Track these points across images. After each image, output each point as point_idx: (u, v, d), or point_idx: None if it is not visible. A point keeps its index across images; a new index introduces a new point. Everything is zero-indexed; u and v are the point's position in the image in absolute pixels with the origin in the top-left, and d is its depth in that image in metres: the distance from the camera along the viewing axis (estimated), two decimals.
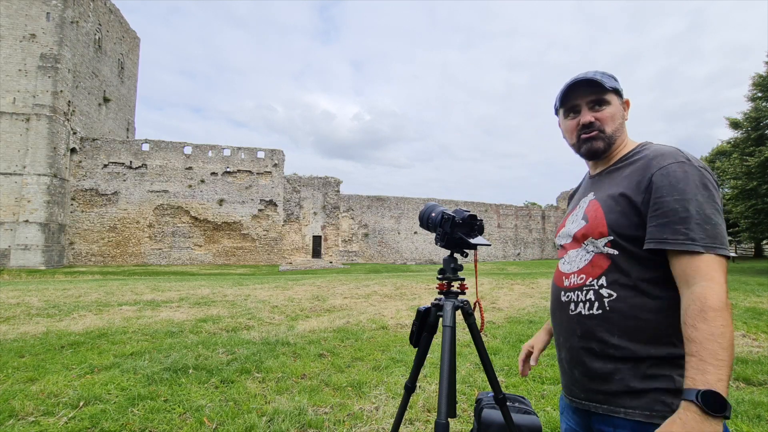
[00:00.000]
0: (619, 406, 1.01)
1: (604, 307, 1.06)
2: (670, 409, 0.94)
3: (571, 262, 1.18)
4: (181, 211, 32.13)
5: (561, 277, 1.20)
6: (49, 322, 5.88)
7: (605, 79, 1.15)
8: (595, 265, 1.10)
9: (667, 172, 1.00)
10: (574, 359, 1.12)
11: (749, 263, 26.34)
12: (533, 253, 45.53)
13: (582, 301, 1.10)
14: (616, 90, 1.17)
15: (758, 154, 18.95)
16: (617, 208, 1.07)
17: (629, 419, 0.99)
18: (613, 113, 1.16)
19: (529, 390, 3.26)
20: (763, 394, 3.16)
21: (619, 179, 1.12)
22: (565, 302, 1.15)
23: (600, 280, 1.08)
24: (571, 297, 1.14)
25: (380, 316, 6.46)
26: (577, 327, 1.11)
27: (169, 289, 10.27)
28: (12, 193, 27.41)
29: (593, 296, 1.08)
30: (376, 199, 39.39)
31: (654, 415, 0.97)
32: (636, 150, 1.15)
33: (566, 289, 1.16)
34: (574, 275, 1.15)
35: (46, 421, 2.65)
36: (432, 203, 1.57)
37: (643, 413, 0.98)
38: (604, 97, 1.16)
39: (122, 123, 38.56)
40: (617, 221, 1.06)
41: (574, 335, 1.11)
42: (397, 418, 1.52)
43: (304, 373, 3.67)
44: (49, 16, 28.52)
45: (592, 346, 1.06)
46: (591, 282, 1.09)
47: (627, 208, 1.05)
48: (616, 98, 1.18)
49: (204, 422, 2.67)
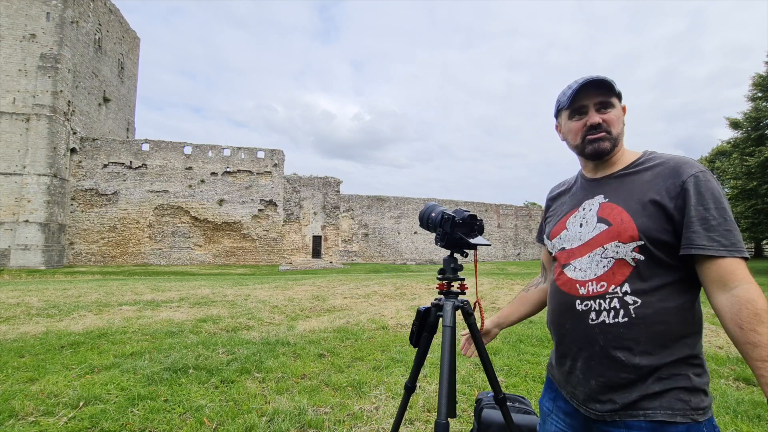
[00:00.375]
0: (638, 410, 1.02)
1: (629, 314, 1.05)
2: (689, 407, 0.99)
3: (584, 269, 1.14)
4: (181, 211, 32.14)
5: (573, 285, 1.15)
6: (49, 322, 5.88)
7: (610, 81, 1.17)
8: (616, 272, 1.08)
9: (698, 180, 1.04)
10: (593, 369, 1.09)
11: (749, 263, 26.20)
12: (533, 253, 45.54)
13: (606, 309, 1.07)
14: (619, 94, 1.19)
15: (758, 154, 18.97)
16: (645, 213, 1.06)
17: (649, 420, 1.01)
18: (618, 116, 1.18)
19: (529, 390, 3.26)
20: (763, 394, 3.16)
21: (640, 184, 1.11)
22: (583, 311, 1.11)
23: (623, 287, 1.06)
24: (591, 305, 1.10)
25: (380, 316, 6.46)
26: (599, 336, 1.08)
27: (169, 289, 10.27)
28: (12, 193, 27.42)
29: (618, 304, 1.06)
30: (376, 199, 39.40)
31: (676, 413, 0.99)
32: (647, 158, 1.17)
33: (583, 297, 1.12)
34: (591, 283, 1.11)
35: (46, 421, 2.65)
36: (432, 203, 1.57)
37: (665, 413, 0.99)
38: (611, 99, 1.17)
39: (122, 123, 38.56)
40: (647, 225, 1.05)
41: (595, 345, 1.09)
42: (397, 418, 1.52)
43: (304, 373, 3.67)
44: (49, 16, 28.53)
45: (618, 355, 1.05)
46: (614, 289, 1.07)
47: (656, 213, 1.05)
48: (618, 102, 1.20)
49: (204, 422, 2.67)
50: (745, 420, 2.71)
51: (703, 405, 1.00)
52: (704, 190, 1.03)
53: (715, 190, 1.03)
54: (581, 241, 1.17)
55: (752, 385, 3.43)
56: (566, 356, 1.17)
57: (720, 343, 4.73)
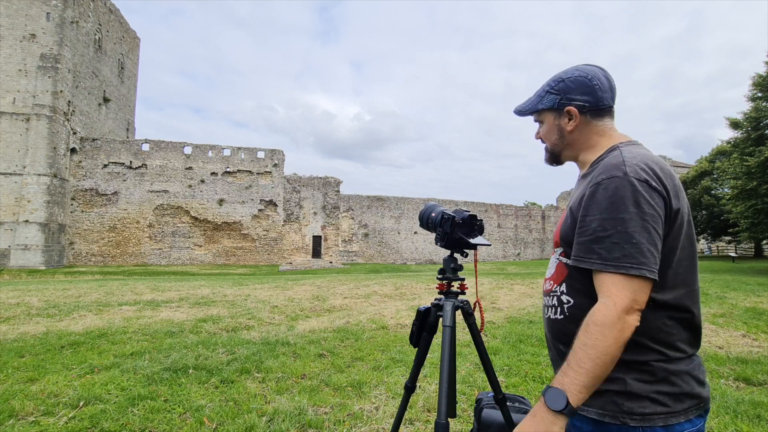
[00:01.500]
0: (584, 404, 1.04)
1: (564, 312, 1.11)
2: (620, 410, 0.99)
3: (549, 268, 1.24)
4: (181, 211, 32.13)
5: (544, 282, 1.26)
6: (49, 322, 5.88)
7: (526, 106, 1.26)
8: (558, 272, 1.15)
9: (597, 189, 1.00)
10: (553, 359, 1.21)
11: (749, 263, 26.32)
12: (533, 253, 45.53)
13: (550, 305, 1.16)
14: (545, 109, 1.22)
15: (758, 154, 18.96)
16: (567, 219, 1.12)
17: (587, 416, 1.05)
18: (546, 131, 1.24)
19: (529, 390, 3.26)
20: (763, 394, 3.16)
21: (580, 188, 1.15)
22: (543, 306, 1.23)
23: (561, 287, 1.13)
24: (546, 301, 1.20)
25: (380, 316, 6.46)
26: (548, 330, 1.19)
27: (169, 289, 10.27)
28: (12, 193, 27.41)
29: (556, 302, 1.14)
30: (376, 199, 39.39)
31: (606, 414, 1.01)
32: (601, 156, 1.13)
33: (544, 293, 1.23)
34: (548, 281, 1.20)
35: (46, 421, 2.65)
36: (432, 203, 1.57)
37: (597, 412, 1.02)
38: (538, 118, 1.26)
39: (122, 123, 38.56)
40: (564, 232, 1.12)
41: (549, 337, 1.20)
42: (397, 418, 1.52)
43: (304, 373, 3.67)
44: (49, 16, 28.53)
45: (560, 348, 1.13)
46: (555, 288, 1.15)
47: (570, 219, 1.09)
48: (551, 114, 1.22)
49: (204, 422, 2.67)
50: (745, 420, 2.71)
51: (642, 411, 0.98)
52: (600, 199, 0.98)
53: (611, 198, 0.97)
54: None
55: (752, 385, 3.44)
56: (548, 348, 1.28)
57: (720, 343, 4.73)
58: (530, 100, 1.27)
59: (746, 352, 4.35)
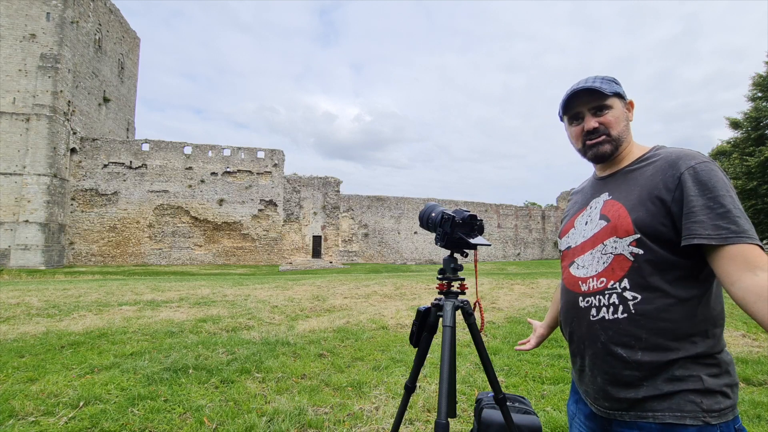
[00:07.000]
0: (647, 411, 1.00)
1: (629, 310, 1.03)
2: (700, 409, 0.95)
3: (586, 266, 1.14)
4: (181, 211, 32.12)
5: (576, 282, 1.16)
6: (49, 322, 5.88)
7: (604, 86, 1.15)
8: (615, 268, 1.07)
9: (697, 171, 1.00)
10: (598, 366, 1.09)
11: None
12: (533, 253, 45.54)
13: (605, 305, 1.07)
14: (617, 94, 1.17)
15: (758, 154, 18.97)
16: (642, 207, 1.05)
17: (658, 422, 0.98)
18: (616, 116, 1.17)
19: (529, 390, 3.26)
20: (763, 394, 3.16)
21: (641, 179, 1.10)
22: (585, 308, 1.12)
23: (622, 283, 1.05)
24: (592, 302, 1.10)
25: (380, 316, 6.46)
26: (600, 333, 1.07)
27: (169, 289, 10.27)
28: (12, 193, 27.41)
29: (617, 299, 1.05)
30: (376, 199, 39.39)
31: (685, 415, 0.96)
32: (652, 153, 1.15)
33: (585, 294, 1.13)
34: (592, 279, 1.12)
35: (46, 421, 2.65)
36: (432, 203, 1.57)
37: (674, 415, 0.97)
38: (605, 102, 1.16)
39: (122, 123, 38.56)
40: (643, 220, 1.04)
41: (597, 341, 1.08)
42: (397, 418, 1.52)
43: (304, 373, 3.67)
44: (49, 16, 28.52)
45: (619, 352, 1.04)
46: (613, 285, 1.07)
47: (654, 207, 1.03)
48: (619, 101, 1.18)
49: (204, 422, 2.67)
50: (745, 420, 2.71)
51: (719, 407, 0.96)
52: (706, 180, 0.99)
53: (718, 180, 0.99)
54: (584, 238, 1.18)
55: (752, 385, 3.43)
56: (576, 354, 1.18)
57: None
58: (595, 79, 1.18)
59: (746, 352, 4.35)
